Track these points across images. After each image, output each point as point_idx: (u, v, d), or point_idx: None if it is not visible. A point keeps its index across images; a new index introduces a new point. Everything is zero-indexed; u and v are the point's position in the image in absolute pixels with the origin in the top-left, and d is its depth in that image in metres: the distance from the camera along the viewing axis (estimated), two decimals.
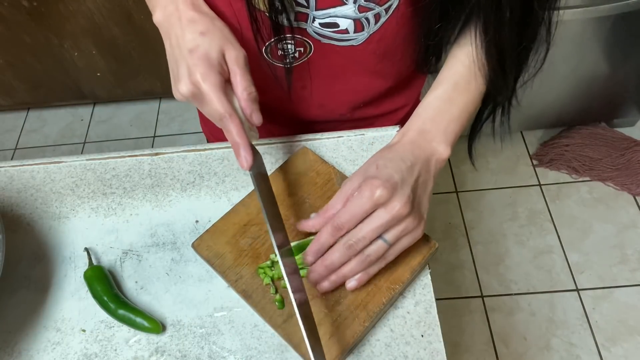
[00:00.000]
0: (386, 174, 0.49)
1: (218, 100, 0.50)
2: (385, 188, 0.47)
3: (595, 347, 1.42)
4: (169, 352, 0.54)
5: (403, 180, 0.49)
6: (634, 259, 1.56)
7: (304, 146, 0.66)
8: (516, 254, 1.61)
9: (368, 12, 0.56)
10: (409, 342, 0.53)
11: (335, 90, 0.69)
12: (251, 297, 0.54)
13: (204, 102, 0.51)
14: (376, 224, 0.48)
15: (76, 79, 1.95)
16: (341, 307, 0.52)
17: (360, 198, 0.48)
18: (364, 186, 0.48)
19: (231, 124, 0.50)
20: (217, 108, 0.50)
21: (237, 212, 0.60)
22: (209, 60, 0.50)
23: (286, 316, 0.52)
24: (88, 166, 0.69)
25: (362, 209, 0.48)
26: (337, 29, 0.58)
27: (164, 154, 0.69)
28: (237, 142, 0.51)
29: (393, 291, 0.53)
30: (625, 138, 1.76)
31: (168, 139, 2.03)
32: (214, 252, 0.57)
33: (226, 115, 0.50)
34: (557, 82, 1.59)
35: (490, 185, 1.77)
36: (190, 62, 0.50)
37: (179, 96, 0.52)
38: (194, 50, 0.50)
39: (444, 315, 1.49)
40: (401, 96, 0.76)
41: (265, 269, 0.55)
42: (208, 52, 0.50)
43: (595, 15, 1.34)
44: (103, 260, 0.61)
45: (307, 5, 0.55)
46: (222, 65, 0.52)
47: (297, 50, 0.61)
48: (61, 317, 0.57)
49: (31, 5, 1.64)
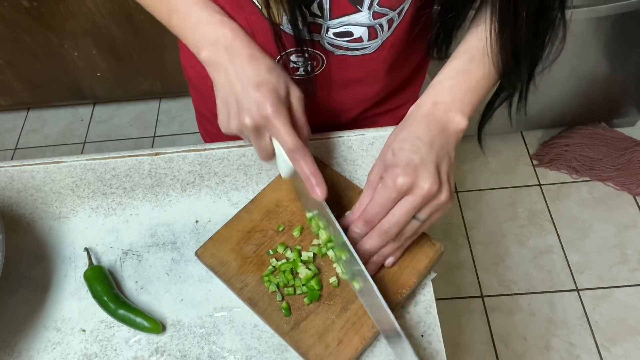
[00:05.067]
0: (405, 158, 0.49)
1: (290, 135, 0.50)
2: (406, 174, 0.48)
3: (595, 347, 1.42)
4: (169, 352, 0.54)
5: (423, 160, 0.49)
6: (634, 259, 1.56)
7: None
8: (516, 254, 1.61)
9: (382, 18, 0.56)
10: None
11: (345, 99, 0.70)
12: (257, 305, 0.54)
13: (264, 136, 0.52)
14: (407, 208, 0.49)
15: (76, 79, 1.95)
16: (349, 314, 0.52)
17: (385, 190, 0.49)
18: (386, 177, 0.49)
19: (304, 158, 0.51)
20: (288, 141, 0.50)
21: (240, 219, 0.60)
22: (278, 95, 0.51)
23: (293, 324, 0.52)
24: (88, 166, 0.69)
25: (389, 200, 0.49)
26: (351, 37, 0.58)
27: (164, 154, 0.69)
28: (308, 175, 0.51)
29: (400, 296, 0.53)
30: (625, 138, 1.76)
31: (168, 139, 2.03)
32: (218, 260, 0.57)
33: (299, 148, 0.51)
34: (557, 82, 1.59)
35: (490, 185, 1.77)
36: (259, 96, 0.50)
37: (234, 128, 0.53)
38: (261, 85, 0.50)
39: (444, 315, 1.49)
40: (404, 93, 0.77)
41: (270, 276, 0.55)
42: (277, 88, 0.51)
43: (595, 15, 1.34)
44: (103, 260, 0.61)
45: (321, 15, 0.55)
46: (287, 102, 0.52)
47: (310, 63, 0.61)
48: (61, 317, 0.57)
49: (31, 5, 1.64)
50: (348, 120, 0.75)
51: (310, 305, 0.53)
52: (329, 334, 0.51)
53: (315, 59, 0.62)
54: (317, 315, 0.52)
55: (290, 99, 0.53)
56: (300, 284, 0.54)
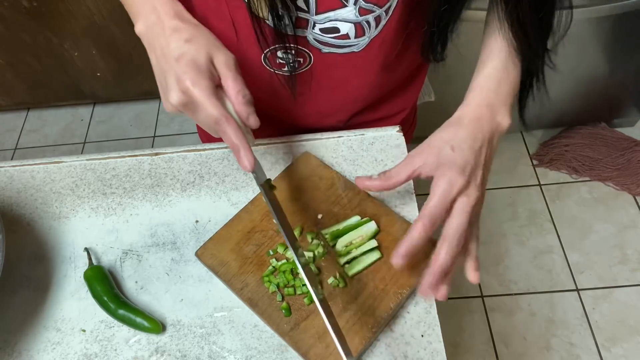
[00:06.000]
0: (464, 159, 0.50)
1: (211, 105, 0.48)
2: (464, 176, 0.50)
3: (595, 347, 1.42)
4: (169, 352, 0.54)
5: (477, 163, 0.51)
6: (634, 259, 1.56)
7: (306, 151, 0.66)
8: (516, 254, 1.61)
9: (369, 14, 0.56)
10: (409, 342, 0.53)
11: (335, 99, 0.69)
12: (257, 305, 0.54)
13: (197, 110, 0.50)
14: (465, 217, 0.50)
15: (76, 79, 1.95)
16: (349, 314, 0.52)
17: (446, 189, 0.49)
18: (448, 174, 0.50)
19: (228, 127, 0.49)
20: (211, 112, 0.48)
21: (240, 219, 0.60)
22: (197, 66, 0.48)
23: (293, 324, 0.52)
24: (88, 166, 0.69)
25: (449, 199, 0.50)
26: (338, 34, 0.58)
27: (164, 154, 0.69)
28: (236, 144, 0.49)
29: (401, 296, 0.53)
30: (625, 138, 1.76)
31: (168, 139, 2.03)
32: (218, 260, 0.57)
33: (222, 118, 0.48)
34: (557, 82, 1.59)
35: (490, 185, 1.77)
36: (178, 70, 0.48)
37: (170, 107, 0.50)
38: (180, 57, 0.48)
39: (444, 315, 1.48)
40: (400, 100, 0.76)
41: (270, 276, 0.55)
42: (195, 58, 0.49)
43: (595, 15, 1.34)
44: (103, 260, 0.61)
45: (307, 10, 0.55)
46: (211, 71, 0.50)
47: (296, 60, 0.61)
48: (61, 317, 0.57)
49: (31, 5, 1.64)
50: (339, 123, 0.74)
51: (311, 306, 0.53)
52: (329, 334, 0.51)
53: (302, 56, 0.61)
54: (317, 315, 0.52)
55: (215, 66, 0.50)
56: (301, 284, 0.54)
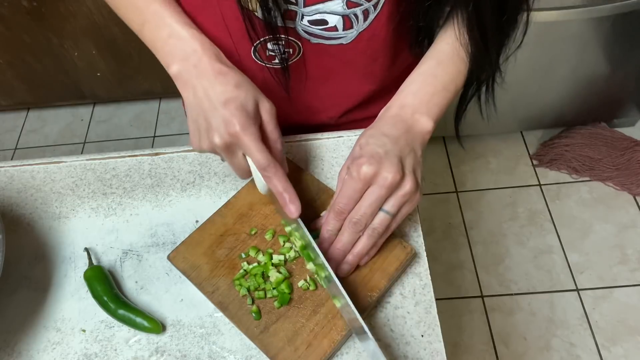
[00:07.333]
0: (369, 150, 0.51)
1: (259, 150, 0.50)
2: (370, 164, 0.49)
3: (595, 347, 1.42)
4: (169, 352, 0.54)
5: (387, 152, 0.51)
6: (634, 259, 1.56)
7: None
8: (516, 254, 1.61)
9: (356, 7, 0.56)
10: (409, 342, 0.53)
11: (325, 93, 0.69)
12: (228, 309, 0.54)
13: (237, 153, 0.52)
14: (372, 199, 0.50)
15: (76, 79, 1.95)
16: (318, 316, 0.52)
17: (350, 180, 0.50)
18: (352, 167, 0.51)
19: (275, 174, 0.51)
20: (259, 158, 0.51)
21: (213, 223, 0.59)
22: (246, 112, 0.51)
23: (263, 327, 0.52)
24: (88, 166, 0.69)
25: (355, 189, 0.50)
26: (326, 26, 0.58)
27: (164, 154, 0.69)
28: (280, 191, 0.52)
29: (370, 298, 0.53)
30: (625, 138, 1.76)
31: (168, 139, 2.03)
32: (190, 264, 0.56)
33: (270, 165, 0.51)
34: (557, 82, 1.59)
35: (490, 185, 1.77)
36: (226, 114, 0.50)
37: (207, 145, 0.52)
38: (228, 102, 0.50)
39: (444, 315, 1.49)
40: (390, 98, 0.76)
41: (241, 280, 0.55)
42: (244, 104, 0.51)
43: (595, 15, 1.34)
44: (103, 260, 0.61)
45: (295, 2, 0.55)
46: (257, 117, 0.52)
47: (286, 50, 0.61)
48: (61, 317, 0.57)
49: (31, 5, 1.64)
50: (330, 120, 0.74)
51: (281, 309, 0.53)
52: (299, 337, 0.51)
53: (291, 46, 0.61)
54: (287, 318, 0.52)
55: (260, 113, 0.53)
56: (271, 288, 0.54)
